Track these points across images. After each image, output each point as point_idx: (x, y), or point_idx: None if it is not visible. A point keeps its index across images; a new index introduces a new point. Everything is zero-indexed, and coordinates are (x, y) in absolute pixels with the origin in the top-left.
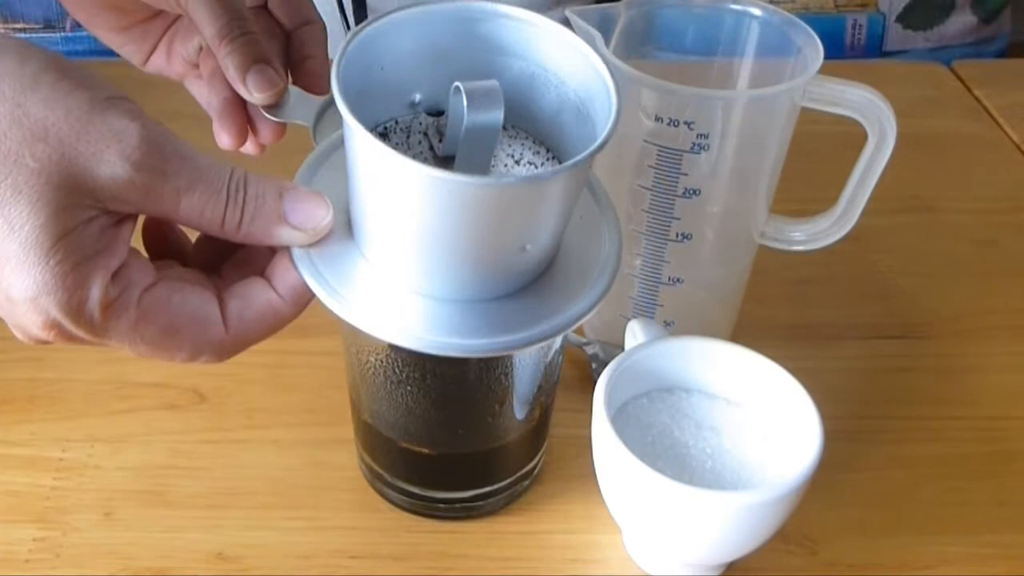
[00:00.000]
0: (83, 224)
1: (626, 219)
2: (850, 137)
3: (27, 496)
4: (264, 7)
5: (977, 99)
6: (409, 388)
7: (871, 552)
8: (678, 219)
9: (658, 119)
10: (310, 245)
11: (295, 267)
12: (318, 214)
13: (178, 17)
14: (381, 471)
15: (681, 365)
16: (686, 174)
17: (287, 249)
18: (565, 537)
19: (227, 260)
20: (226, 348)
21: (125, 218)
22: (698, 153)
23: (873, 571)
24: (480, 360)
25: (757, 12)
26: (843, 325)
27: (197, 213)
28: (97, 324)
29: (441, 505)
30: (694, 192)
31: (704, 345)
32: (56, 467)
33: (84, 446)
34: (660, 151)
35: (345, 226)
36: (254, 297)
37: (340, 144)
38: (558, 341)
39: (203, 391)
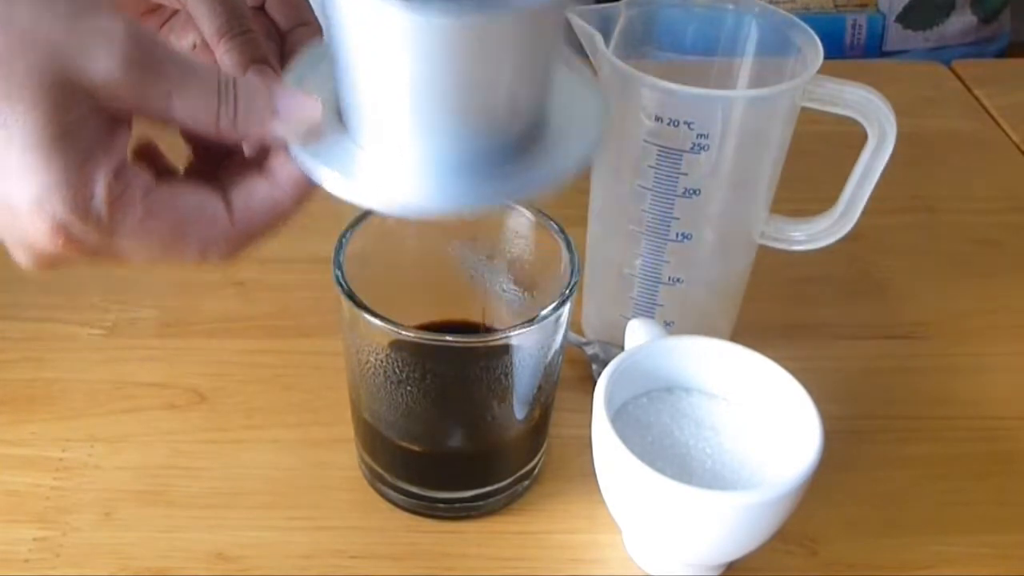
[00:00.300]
0: (80, 122)
1: (626, 219)
2: (850, 137)
3: (27, 496)
4: (261, 8)
5: (977, 99)
6: (409, 388)
7: (871, 552)
8: (678, 219)
9: (658, 119)
10: (305, 140)
11: (293, 159)
12: (308, 104)
13: (174, 13)
14: (381, 471)
15: (681, 365)
16: (686, 174)
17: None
18: (565, 537)
19: (222, 169)
20: (232, 242)
21: (121, 120)
22: (698, 153)
23: (873, 571)
24: (480, 360)
25: (757, 12)
26: (843, 325)
27: (190, 110)
28: (104, 221)
29: (441, 505)
30: (694, 192)
31: (704, 345)
32: (56, 467)
33: (84, 446)
34: (660, 151)
35: (336, 124)
36: (256, 190)
37: (319, 60)
38: (559, 338)
39: (203, 391)
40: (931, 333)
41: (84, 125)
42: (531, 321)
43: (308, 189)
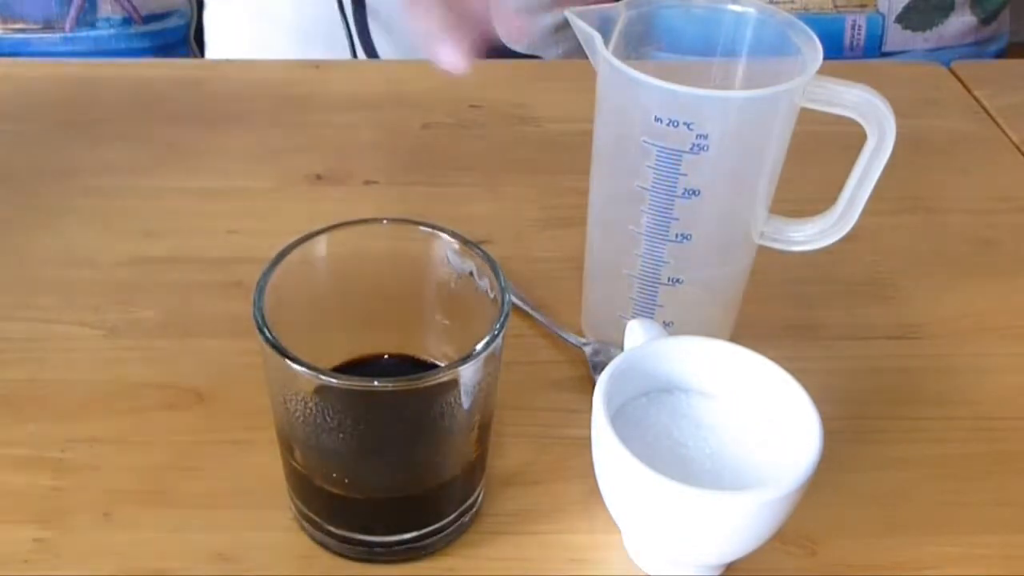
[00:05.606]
0: None
1: (626, 219)
2: (850, 137)
3: (27, 496)
4: None
5: (977, 99)
6: (341, 435)
7: (871, 552)
8: (677, 219)
9: (658, 119)
10: None
11: None
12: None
13: None
14: (315, 516)
15: (681, 365)
16: (686, 174)
17: None
18: (565, 537)
19: None
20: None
21: None
22: (698, 153)
23: (872, 571)
24: (414, 401)
25: (757, 12)
26: (843, 325)
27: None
28: None
29: (379, 549)
30: (693, 192)
31: (704, 345)
32: (56, 467)
33: (84, 446)
34: (660, 151)
35: None
36: None
37: None
38: (495, 367)
39: (203, 391)
40: (931, 333)
41: None
42: (465, 359)
43: None
